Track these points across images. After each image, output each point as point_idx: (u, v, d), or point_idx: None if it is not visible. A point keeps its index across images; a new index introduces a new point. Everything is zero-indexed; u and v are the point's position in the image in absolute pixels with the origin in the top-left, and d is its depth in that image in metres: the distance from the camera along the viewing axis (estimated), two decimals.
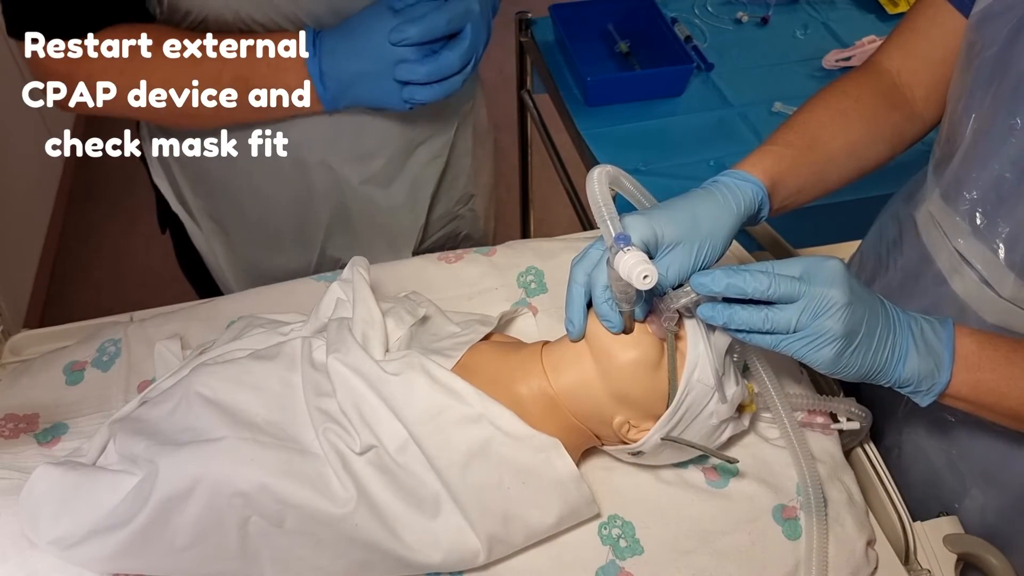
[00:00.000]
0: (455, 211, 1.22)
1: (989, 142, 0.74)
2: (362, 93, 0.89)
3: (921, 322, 0.68)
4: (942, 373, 0.67)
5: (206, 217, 1.09)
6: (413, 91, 0.87)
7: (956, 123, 0.78)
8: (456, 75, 0.88)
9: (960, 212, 0.77)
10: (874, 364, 0.66)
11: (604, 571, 0.72)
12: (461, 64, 0.87)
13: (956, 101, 0.79)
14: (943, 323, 0.68)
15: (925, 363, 0.67)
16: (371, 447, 0.69)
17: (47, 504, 0.68)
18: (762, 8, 1.64)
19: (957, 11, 0.79)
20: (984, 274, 0.77)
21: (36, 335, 0.96)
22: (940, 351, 0.67)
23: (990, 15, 0.73)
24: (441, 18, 0.84)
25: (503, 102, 2.43)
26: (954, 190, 0.78)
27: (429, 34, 0.84)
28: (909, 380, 0.67)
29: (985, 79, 0.74)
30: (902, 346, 0.67)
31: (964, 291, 0.79)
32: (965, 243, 0.78)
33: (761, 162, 0.75)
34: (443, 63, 0.86)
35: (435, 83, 0.87)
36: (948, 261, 0.81)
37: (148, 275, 2.47)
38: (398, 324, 0.79)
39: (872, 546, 0.77)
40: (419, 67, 0.85)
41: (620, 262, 0.62)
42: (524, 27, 1.61)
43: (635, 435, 0.72)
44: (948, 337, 0.67)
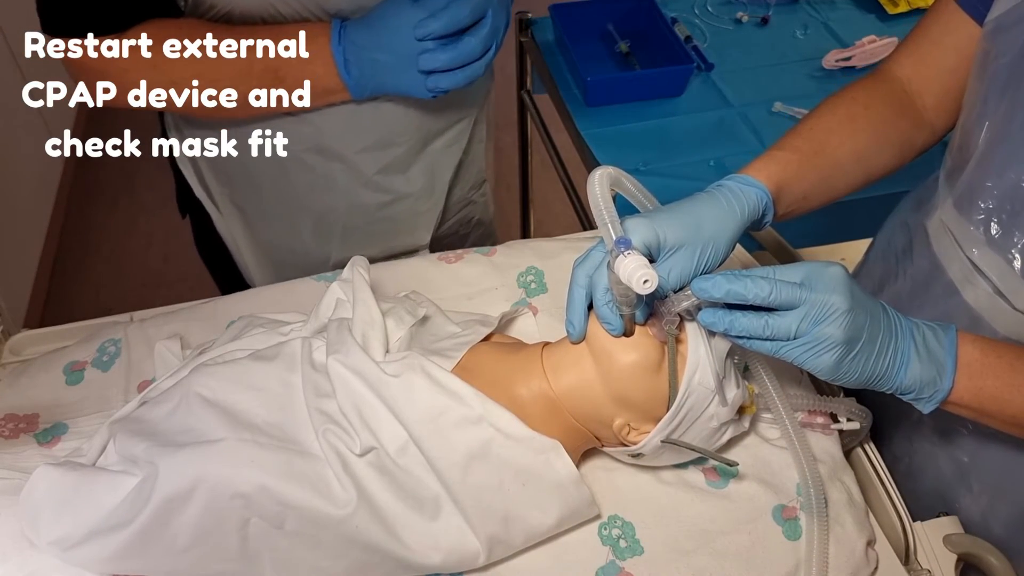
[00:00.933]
0: (469, 196, 1.23)
1: (1004, 151, 0.73)
2: (387, 82, 0.90)
3: (924, 329, 0.68)
4: (944, 380, 0.66)
5: (228, 204, 1.09)
6: (437, 79, 0.88)
7: (969, 131, 0.78)
8: (478, 60, 0.88)
9: (974, 221, 0.76)
10: (875, 371, 0.66)
11: (604, 571, 0.72)
12: (483, 49, 0.88)
13: (970, 109, 0.78)
14: (946, 329, 0.68)
15: (927, 370, 0.66)
16: (371, 448, 0.69)
17: (47, 504, 0.68)
18: (762, 8, 1.64)
19: (971, 18, 0.79)
20: (999, 285, 0.76)
21: (36, 335, 0.96)
22: (943, 358, 0.66)
23: (1004, 24, 0.73)
24: (463, 8, 0.85)
25: (503, 102, 2.42)
26: (967, 199, 0.77)
27: (453, 26, 0.85)
28: (911, 387, 0.67)
29: (999, 87, 0.73)
30: (904, 353, 0.66)
31: (976, 302, 0.78)
32: (980, 253, 0.77)
33: (767, 167, 0.75)
34: (464, 49, 0.86)
35: (457, 69, 0.88)
36: (960, 271, 0.80)
37: (148, 275, 2.48)
38: (398, 324, 0.79)
39: (872, 546, 0.77)
40: (441, 55, 0.86)
41: (620, 266, 0.62)
42: (524, 27, 1.61)
43: (635, 437, 0.72)
44: (951, 344, 0.67)
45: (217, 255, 1.17)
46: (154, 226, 2.60)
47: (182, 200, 1.15)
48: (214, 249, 1.16)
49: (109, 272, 2.50)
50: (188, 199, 1.12)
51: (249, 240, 1.12)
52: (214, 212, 1.10)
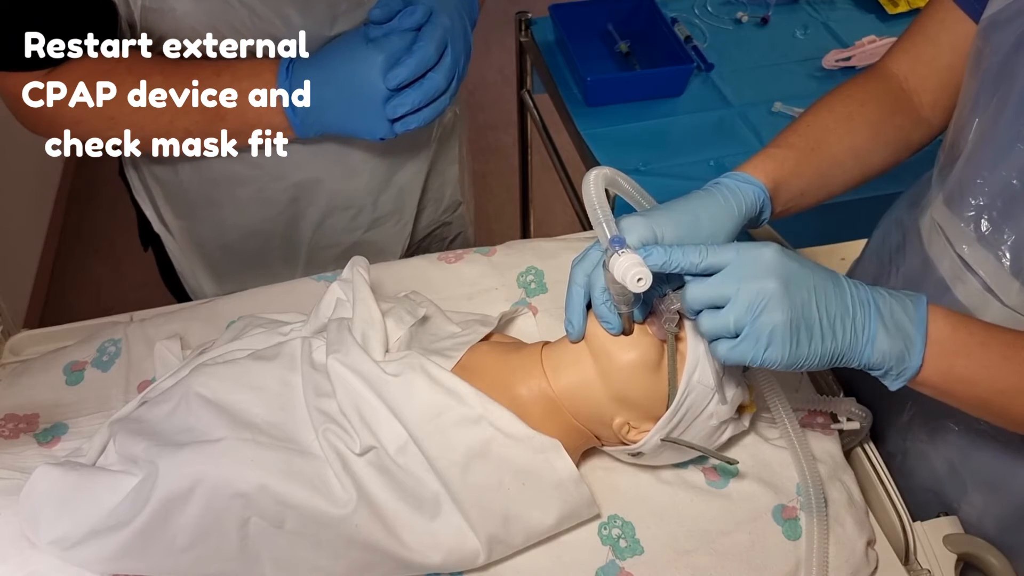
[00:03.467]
0: (442, 219, 1.22)
1: (994, 148, 0.73)
2: (340, 123, 0.88)
3: (890, 300, 0.64)
4: (913, 357, 0.63)
5: (187, 239, 1.08)
6: (406, 121, 0.86)
7: (960, 128, 0.78)
8: (443, 94, 0.86)
9: (964, 218, 0.76)
10: (836, 348, 0.63)
11: (604, 571, 0.72)
12: (447, 83, 0.86)
13: (962, 106, 0.78)
14: (916, 301, 0.65)
15: (895, 344, 0.63)
16: (371, 448, 0.69)
17: (47, 504, 0.68)
18: (762, 8, 1.64)
19: (967, 16, 0.79)
20: (988, 282, 0.75)
21: (36, 335, 0.96)
22: (911, 332, 0.64)
23: (997, 22, 0.73)
24: (429, 49, 0.82)
25: (503, 102, 2.42)
26: (958, 196, 0.77)
27: (422, 69, 0.83)
28: (879, 363, 0.64)
29: (991, 85, 0.73)
30: (868, 327, 0.63)
31: (967, 299, 0.78)
32: (970, 250, 0.77)
33: (764, 165, 0.75)
34: (430, 87, 0.84)
35: (424, 107, 0.86)
36: (951, 268, 0.79)
37: (148, 275, 2.46)
38: (398, 324, 0.79)
39: (872, 546, 0.77)
40: (407, 98, 0.84)
41: (615, 264, 0.62)
42: (524, 27, 1.61)
43: (635, 436, 0.72)
44: (921, 318, 0.64)
45: (180, 288, 1.15)
46: None
47: (143, 234, 1.13)
48: (177, 281, 1.14)
49: (109, 272, 2.50)
50: (149, 233, 1.10)
51: (209, 275, 1.10)
52: (173, 247, 1.08)
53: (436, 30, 0.83)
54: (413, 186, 1.11)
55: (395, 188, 1.08)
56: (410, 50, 0.83)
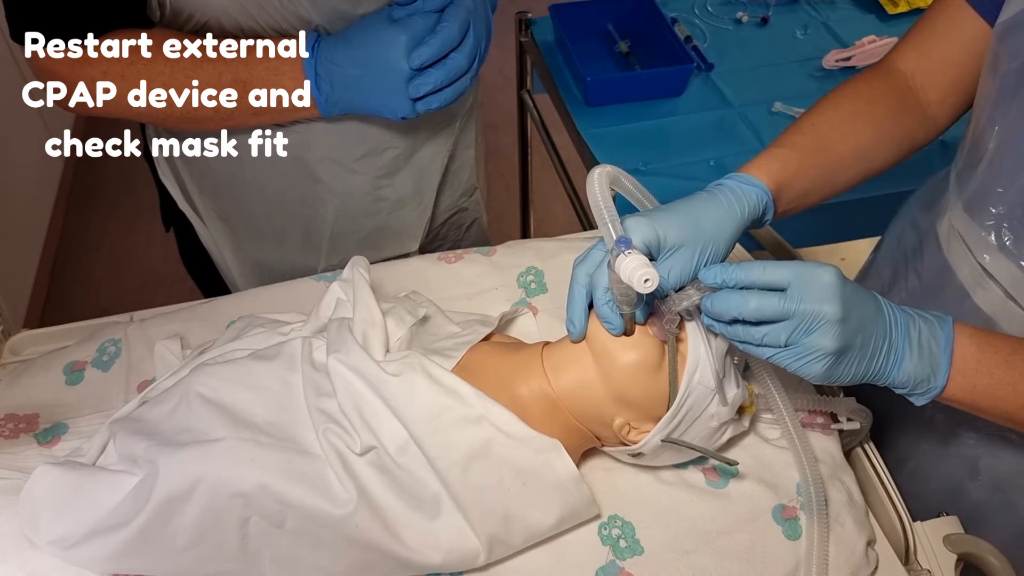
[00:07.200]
0: (459, 204, 1.23)
1: (1014, 157, 0.72)
2: (362, 102, 0.89)
3: (920, 324, 0.67)
4: (938, 378, 0.66)
5: (213, 216, 1.09)
6: (428, 101, 0.87)
7: (981, 132, 0.77)
8: (465, 75, 0.88)
9: (985, 227, 0.76)
10: (868, 371, 0.66)
11: (604, 571, 0.72)
12: (468, 63, 0.87)
13: (981, 110, 0.77)
14: (943, 323, 0.67)
15: (921, 368, 0.66)
16: (371, 448, 0.69)
17: (47, 504, 0.68)
18: (762, 8, 1.64)
19: (978, 15, 0.78)
20: (1010, 290, 0.75)
21: (36, 335, 0.96)
22: (937, 355, 0.66)
23: (1015, 25, 0.72)
24: (452, 29, 0.84)
25: (503, 102, 2.43)
26: (979, 202, 0.77)
27: (445, 49, 0.85)
28: (905, 383, 0.66)
29: (1010, 91, 0.73)
30: (899, 350, 0.66)
31: (988, 305, 0.78)
32: (991, 259, 0.76)
33: (767, 165, 0.75)
34: (452, 67, 0.86)
35: (446, 87, 0.87)
36: (971, 275, 0.79)
37: (148, 275, 2.47)
38: (398, 324, 0.79)
39: (872, 546, 0.77)
40: (431, 77, 0.85)
41: (621, 265, 0.62)
42: (524, 27, 1.61)
43: (635, 437, 0.72)
44: (947, 340, 0.66)
45: (203, 267, 1.16)
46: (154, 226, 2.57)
47: (166, 213, 1.15)
48: (200, 261, 1.15)
49: (109, 272, 2.50)
50: (172, 212, 1.11)
51: (234, 251, 1.12)
52: (198, 224, 1.10)
53: (459, 11, 0.85)
54: (434, 167, 1.12)
55: (416, 168, 1.09)
56: (434, 31, 0.84)
